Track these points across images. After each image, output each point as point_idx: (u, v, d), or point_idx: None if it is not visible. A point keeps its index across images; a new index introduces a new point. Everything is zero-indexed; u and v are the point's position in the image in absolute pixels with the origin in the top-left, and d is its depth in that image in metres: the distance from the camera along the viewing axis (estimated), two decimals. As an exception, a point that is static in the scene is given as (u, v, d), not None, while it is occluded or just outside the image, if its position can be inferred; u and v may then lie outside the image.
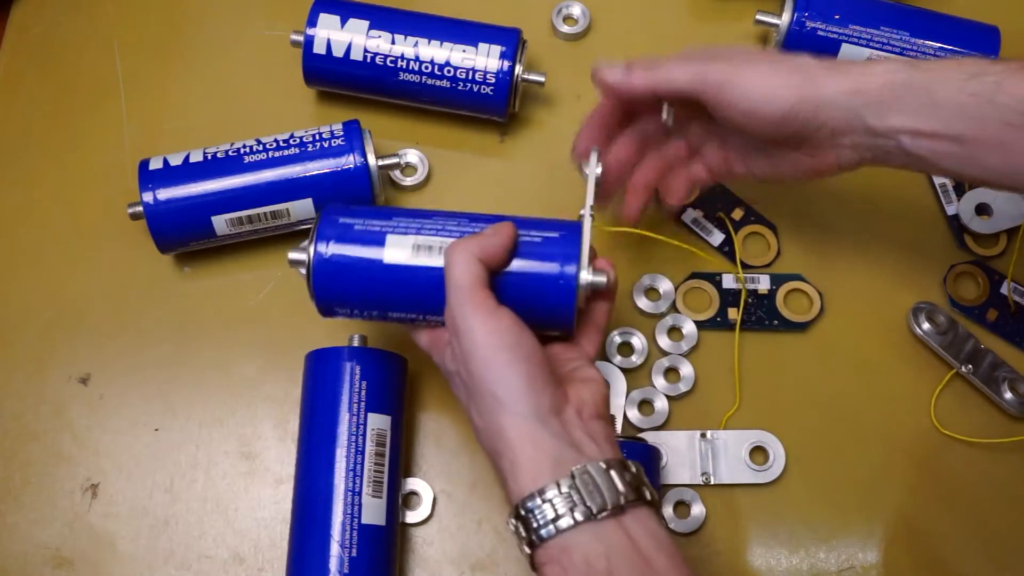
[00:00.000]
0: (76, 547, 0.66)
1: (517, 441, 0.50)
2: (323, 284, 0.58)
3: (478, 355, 0.52)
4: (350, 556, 0.60)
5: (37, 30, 0.82)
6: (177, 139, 0.75)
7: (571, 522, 0.48)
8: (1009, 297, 0.72)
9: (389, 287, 0.57)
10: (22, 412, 0.70)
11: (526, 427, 0.50)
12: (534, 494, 0.49)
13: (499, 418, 0.51)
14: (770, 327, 0.72)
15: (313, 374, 0.65)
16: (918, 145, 0.57)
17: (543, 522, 0.48)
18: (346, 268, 0.58)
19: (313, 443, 0.63)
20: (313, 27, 0.73)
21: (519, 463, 0.50)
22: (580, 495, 0.48)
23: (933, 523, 0.68)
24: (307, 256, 0.58)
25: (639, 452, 0.64)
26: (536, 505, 0.49)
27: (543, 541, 0.48)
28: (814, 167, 0.61)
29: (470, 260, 0.53)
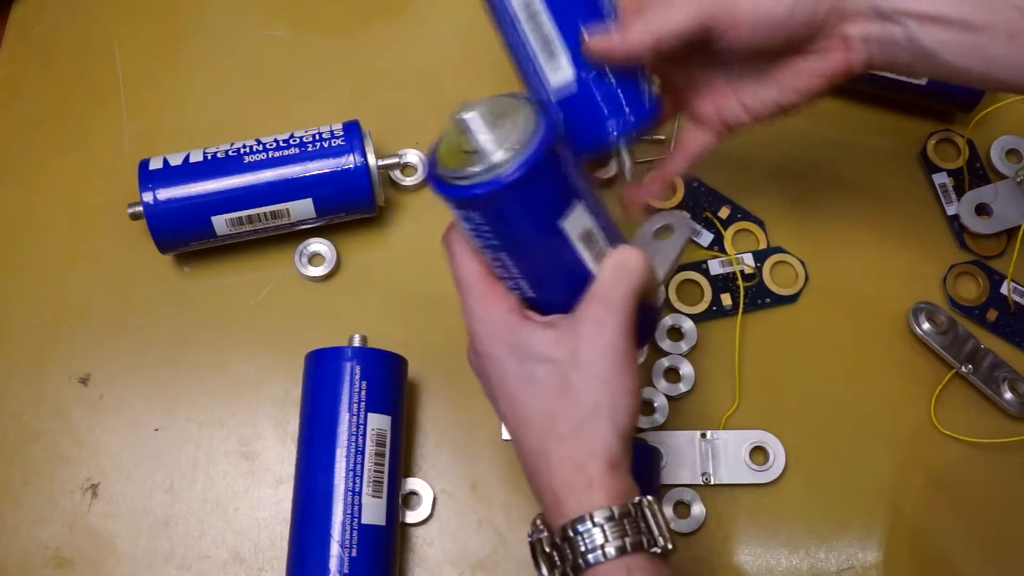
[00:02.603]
0: (76, 547, 0.66)
1: (594, 465, 0.48)
2: None
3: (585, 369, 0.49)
4: (350, 556, 0.60)
5: (37, 30, 0.82)
6: (177, 139, 0.75)
7: (616, 551, 0.46)
8: (1009, 297, 0.72)
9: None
10: (22, 412, 0.70)
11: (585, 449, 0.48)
12: (585, 517, 0.47)
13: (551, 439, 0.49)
14: (763, 305, 0.72)
15: (313, 374, 0.65)
16: (925, 33, 0.53)
17: (591, 547, 0.47)
18: None
19: (313, 443, 0.63)
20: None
21: (591, 484, 0.48)
22: (628, 527, 0.47)
23: (933, 523, 0.67)
24: None
25: (639, 452, 0.64)
26: (587, 529, 0.47)
27: (589, 566, 0.47)
28: (824, 72, 0.57)
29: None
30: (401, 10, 0.83)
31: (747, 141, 0.79)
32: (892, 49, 0.55)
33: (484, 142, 0.46)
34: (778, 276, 0.73)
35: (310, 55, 0.81)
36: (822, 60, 0.57)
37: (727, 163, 0.75)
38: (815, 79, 0.58)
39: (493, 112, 0.47)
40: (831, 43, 0.56)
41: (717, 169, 0.75)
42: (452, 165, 0.47)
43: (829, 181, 0.76)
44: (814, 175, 0.76)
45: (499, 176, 0.45)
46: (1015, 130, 0.78)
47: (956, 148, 0.77)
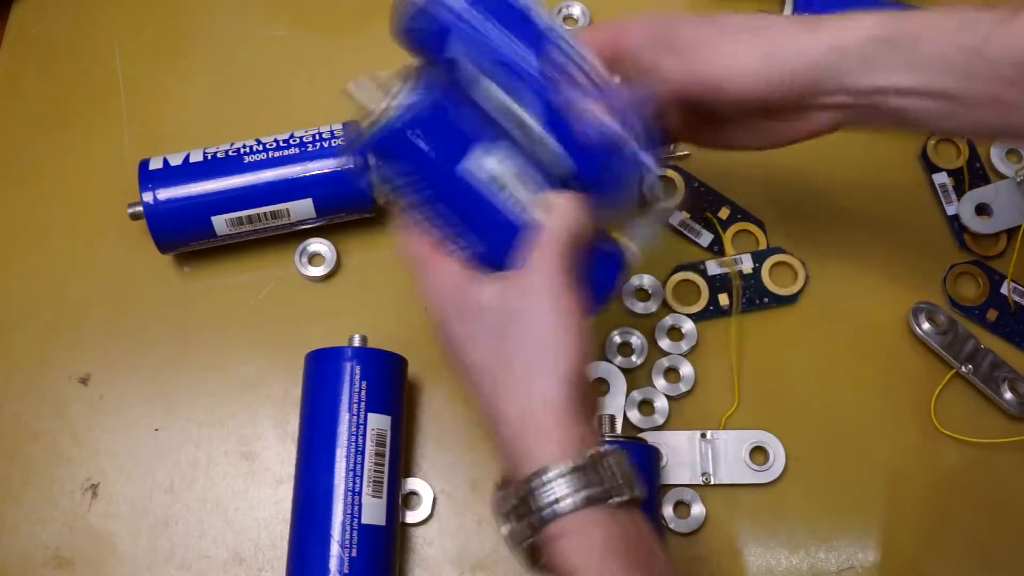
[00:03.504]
0: (76, 547, 0.66)
1: (541, 412, 0.48)
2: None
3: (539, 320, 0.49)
4: (350, 556, 0.60)
5: (37, 30, 0.82)
6: (177, 139, 0.75)
7: (574, 504, 0.46)
8: (1009, 297, 0.72)
9: None
10: (22, 412, 0.70)
11: (557, 398, 0.48)
12: (540, 471, 0.47)
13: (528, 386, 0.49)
14: (761, 305, 0.72)
15: (313, 374, 0.65)
16: (903, 103, 0.53)
17: (550, 500, 0.46)
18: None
19: (313, 443, 0.63)
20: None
21: (541, 434, 0.48)
22: (588, 478, 0.47)
23: (933, 523, 0.67)
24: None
25: (639, 452, 0.64)
26: (544, 482, 0.46)
27: (550, 519, 0.46)
28: (788, 135, 0.57)
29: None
30: (401, 10, 0.83)
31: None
32: (866, 116, 0.55)
33: (367, 101, 0.51)
34: (777, 277, 0.73)
35: (310, 55, 0.81)
36: (786, 124, 0.57)
37: (726, 164, 0.75)
38: (773, 141, 0.58)
39: (378, 81, 0.52)
40: (799, 114, 0.56)
41: (717, 169, 0.75)
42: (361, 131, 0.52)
43: (829, 181, 0.76)
44: (814, 175, 0.76)
45: (385, 121, 0.51)
46: (1015, 130, 0.78)
47: (956, 148, 0.77)
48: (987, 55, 0.50)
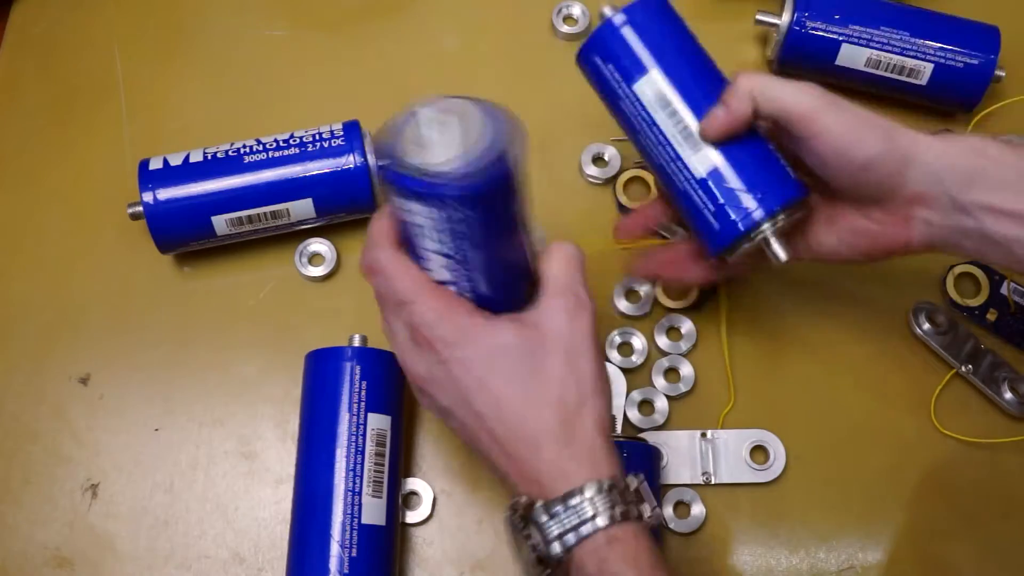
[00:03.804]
0: (76, 547, 0.66)
1: (583, 436, 0.50)
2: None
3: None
4: (350, 556, 0.60)
5: (37, 30, 0.82)
6: (177, 139, 0.75)
7: (607, 522, 0.48)
8: (1009, 297, 0.72)
9: None
10: (22, 412, 0.70)
11: (558, 429, 0.50)
12: (574, 491, 0.48)
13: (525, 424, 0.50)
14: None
15: (313, 374, 0.65)
16: (1000, 227, 0.54)
17: (582, 519, 0.48)
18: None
19: (313, 443, 0.63)
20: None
21: (582, 455, 0.50)
22: (615, 499, 0.49)
23: (933, 523, 0.68)
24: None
25: (639, 452, 0.64)
26: (577, 503, 0.48)
27: (581, 540, 0.48)
28: (884, 239, 0.59)
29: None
30: (401, 10, 0.83)
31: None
32: (960, 236, 0.56)
33: (449, 140, 0.48)
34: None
35: (310, 55, 0.81)
36: (883, 226, 0.58)
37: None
38: (869, 243, 0.59)
39: (443, 111, 0.49)
40: (895, 217, 0.57)
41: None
42: (421, 160, 0.48)
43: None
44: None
45: (488, 166, 0.47)
46: (1016, 129, 0.78)
47: (956, 148, 0.77)
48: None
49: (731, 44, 0.81)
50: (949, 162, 0.54)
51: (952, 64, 0.74)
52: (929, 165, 0.55)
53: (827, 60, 0.76)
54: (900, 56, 0.74)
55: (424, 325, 0.51)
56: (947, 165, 0.54)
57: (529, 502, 0.50)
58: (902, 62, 0.75)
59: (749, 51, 0.81)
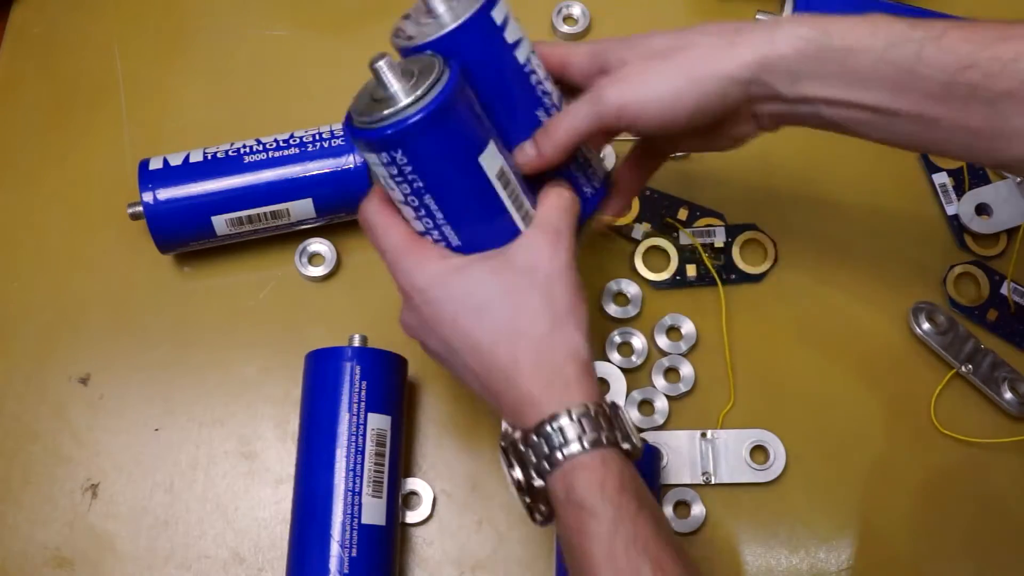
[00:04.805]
0: (76, 547, 0.66)
1: (563, 364, 0.52)
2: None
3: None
4: (350, 556, 0.60)
5: (37, 30, 0.82)
6: (177, 139, 0.75)
7: (578, 449, 0.49)
8: (1009, 297, 0.72)
9: None
10: (22, 412, 0.70)
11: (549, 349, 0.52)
12: (545, 420, 0.50)
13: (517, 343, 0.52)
14: (727, 281, 0.73)
15: (313, 374, 0.65)
16: (835, 112, 0.54)
17: (569, 439, 0.49)
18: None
19: (313, 443, 0.63)
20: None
21: (561, 383, 0.51)
22: (603, 423, 0.50)
23: (933, 523, 0.67)
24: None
25: (639, 452, 0.64)
26: (565, 424, 0.50)
27: (566, 459, 0.49)
28: (734, 137, 0.58)
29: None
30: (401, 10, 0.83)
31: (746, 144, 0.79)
32: (803, 119, 0.56)
33: (397, 87, 0.50)
34: (748, 256, 0.74)
35: (310, 55, 0.81)
36: (726, 134, 0.58)
37: (726, 168, 0.75)
38: (737, 137, 0.59)
39: (404, 64, 0.51)
40: (738, 122, 0.57)
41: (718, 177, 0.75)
42: (368, 112, 0.51)
43: (828, 181, 0.76)
44: (813, 175, 0.76)
45: (417, 110, 0.50)
46: (1015, 130, 0.78)
47: (956, 148, 0.77)
48: (917, 72, 0.51)
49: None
50: (768, 70, 0.53)
51: (952, 64, 0.74)
52: (748, 78, 0.53)
53: (827, 60, 0.75)
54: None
55: (399, 272, 0.54)
56: (767, 72, 0.53)
57: (511, 433, 0.52)
58: (902, 62, 0.74)
59: (749, 51, 0.81)
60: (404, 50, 0.54)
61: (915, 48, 0.51)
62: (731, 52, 0.53)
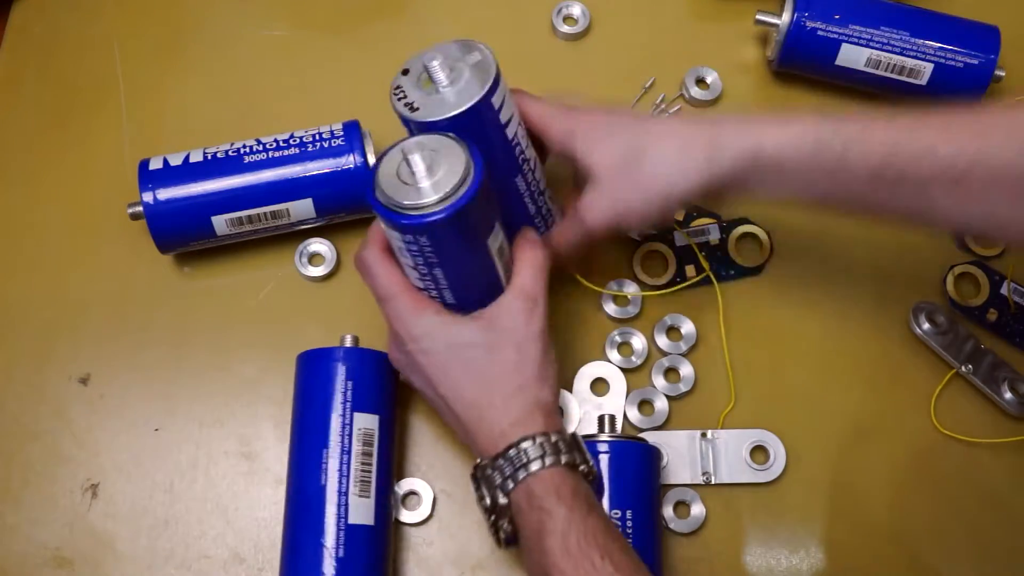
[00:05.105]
0: (76, 547, 0.66)
1: (533, 412, 0.58)
2: None
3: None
4: (337, 556, 0.60)
5: (37, 30, 0.82)
6: (177, 139, 0.75)
7: (539, 466, 0.56)
8: (1009, 297, 0.72)
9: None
10: (22, 412, 0.70)
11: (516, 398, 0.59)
12: (511, 445, 0.56)
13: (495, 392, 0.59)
14: (727, 278, 0.73)
15: (301, 375, 0.65)
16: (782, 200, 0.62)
17: (532, 457, 0.56)
18: None
19: (301, 443, 0.63)
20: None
21: (529, 425, 0.58)
22: (563, 447, 0.57)
23: (933, 523, 0.67)
24: None
25: (639, 452, 0.64)
26: (529, 446, 0.56)
27: (528, 475, 0.55)
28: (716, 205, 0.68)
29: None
30: (401, 10, 0.83)
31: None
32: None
33: (427, 183, 0.54)
34: (744, 250, 0.74)
35: (310, 55, 0.81)
36: (712, 204, 0.69)
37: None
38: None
39: (433, 148, 0.56)
40: (716, 199, 0.68)
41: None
42: (396, 195, 0.55)
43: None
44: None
45: (443, 208, 0.54)
46: (1015, 130, 0.78)
47: (956, 148, 0.77)
48: (846, 168, 0.57)
49: (731, 44, 0.81)
50: (719, 183, 0.59)
51: (952, 64, 0.74)
52: (706, 191, 0.60)
53: (827, 60, 0.76)
54: (900, 56, 0.74)
55: (397, 320, 0.60)
56: (719, 185, 0.60)
57: (480, 463, 0.58)
58: (902, 62, 0.75)
59: (749, 51, 0.81)
60: (409, 120, 0.58)
61: (839, 150, 0.57)
62: (684, 173, 0.60)
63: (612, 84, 0.79)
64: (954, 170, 0.55)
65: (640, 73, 0.80)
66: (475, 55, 0.59)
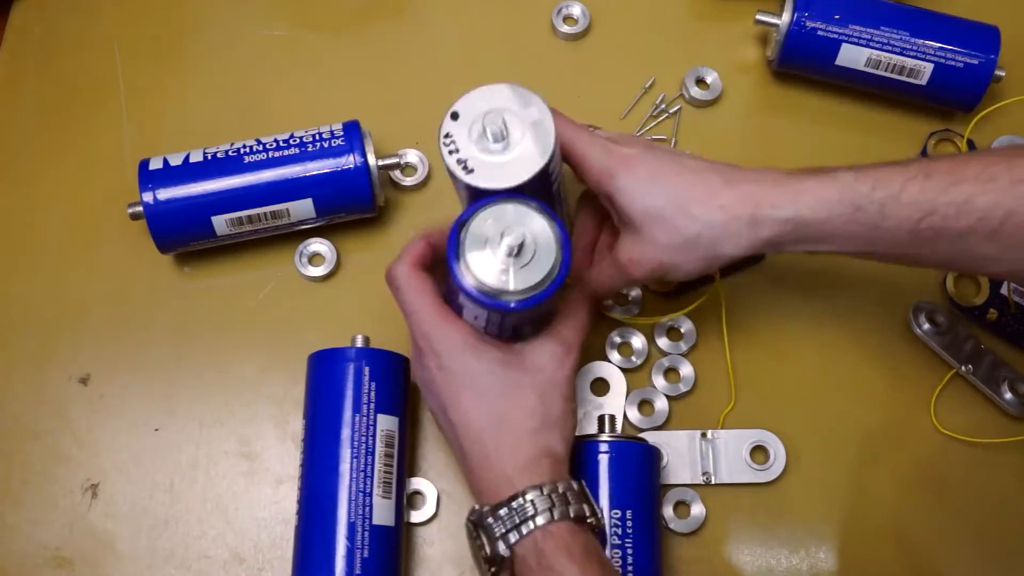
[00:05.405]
0: (76, 547, 0.66)
1: (543, 459, 0.57)
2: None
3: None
4: (362, 556, 0.60)
5: (37, 30, 0.82)
6: (177, 139, 0.75)
7: (546, 520, 0.54)
8: (1009, 297, 0.72)
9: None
10: (22, 412, 0.70)
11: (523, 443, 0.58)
12: (516, 495, 0.55)
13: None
14: (733, 270, 0.73)
15: (321, 375, 0.64)
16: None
17: (541, 509, 0.54)
18: None
19: (324, 445, 0.62)
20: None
21: (538, 471, 0.56)
22: (571, 498, 0.56)
23: (933, 523, 0.68)
24: None
25: (639, 452, 0.64)
26: (536, 496, 0.55)
27: (537, 527, 0.54)
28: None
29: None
30: (401, 10, 0.83)
31: (745, 143, 0.79)
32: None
33: (517, 264, 0.55)
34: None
35: (310, 55, 0.81)
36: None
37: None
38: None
39: (524, 225, 0.55)
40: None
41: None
42: (485, 276, 0.55)
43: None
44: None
45: (530, 297, 0.55)
46: (1015, 130, 0.78)
47: (956, 148, 0.77)
48: (884, 227, 0.57)
49: (731, 44, 0.81)
50: (761, 245, 0.59)
51: (952, 64, 0.74)
52: (747, 252, 0.60)
53: (827, 60, 0.76)
54: (900, 56, 0.74)
55: (421, 335, 0.59)
56: (760, 246, 0.60)
57: (479, 509, 0.56)
58: (902, 62, 0.75)
59: (749, 51, 0.81)
60: (459, 180, 0.57)
61: (877, 212, 0.57)
62: (730, 239, 0.59)
63: (612, 84, 0.79)
64: (991, 221, 0.55)
65: (640, 73, 0.80)
66: (532, 111, 0.57)
